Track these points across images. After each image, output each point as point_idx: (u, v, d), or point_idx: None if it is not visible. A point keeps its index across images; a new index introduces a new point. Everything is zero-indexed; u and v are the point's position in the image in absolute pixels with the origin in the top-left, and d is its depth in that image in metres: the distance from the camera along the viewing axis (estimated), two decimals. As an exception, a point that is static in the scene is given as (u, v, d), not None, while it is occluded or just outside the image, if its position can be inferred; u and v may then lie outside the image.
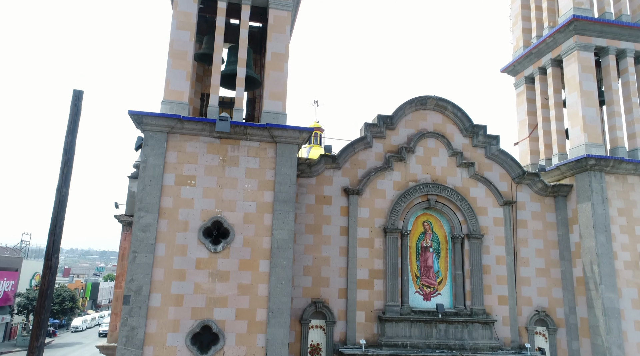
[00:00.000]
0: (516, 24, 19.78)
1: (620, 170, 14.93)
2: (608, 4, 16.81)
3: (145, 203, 11.73)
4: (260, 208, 12.44)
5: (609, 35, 16.16)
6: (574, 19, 15.67)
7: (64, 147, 8.85)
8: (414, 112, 15.51)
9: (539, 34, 18.30)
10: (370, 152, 14.92)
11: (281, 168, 12.77)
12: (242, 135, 12.68)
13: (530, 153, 18.15)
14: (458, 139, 15.59)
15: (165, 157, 12.16)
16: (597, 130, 15.38)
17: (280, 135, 12.79)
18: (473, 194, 15.12)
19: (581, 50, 15.90)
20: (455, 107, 15.55)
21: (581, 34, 15.98)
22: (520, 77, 18.98)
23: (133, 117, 12.02)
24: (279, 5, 14.03)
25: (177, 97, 12.77)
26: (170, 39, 13.20)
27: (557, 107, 16.95)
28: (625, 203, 14.80)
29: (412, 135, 15.26)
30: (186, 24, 13.35)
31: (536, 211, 15.53)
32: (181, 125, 12.30)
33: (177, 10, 13.36)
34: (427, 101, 15.46)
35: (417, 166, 14.98)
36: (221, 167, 12.48)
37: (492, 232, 14.96)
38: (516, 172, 15.53)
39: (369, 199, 14.43)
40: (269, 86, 13.50)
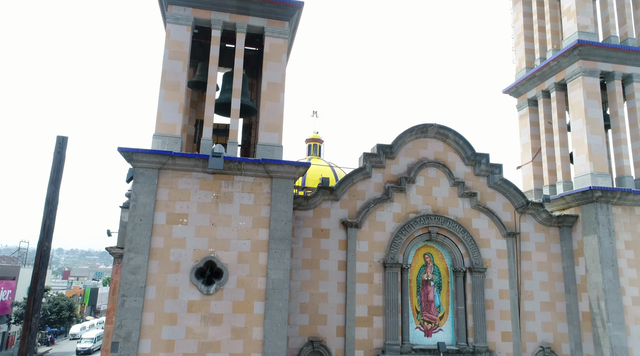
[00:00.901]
0: (519, 44, 19.36)
1: (627, 202, 14.47)
2: (613, 27, 16.38)
3: (135, 243, 11.28)
4: (255, 247, 11.99)
5: (614, 60, 15.73)
6: (578, 44, 15.24)
7: (47, 198, 8.41)
8: (415, 140, 15.07)
9: (543, 56, 17.88)
10: (370, 183, 14.47)
11: (277, 204, 12.33)
12: (237, 170, 12.24)
13: (534, 177, 17.70)
14: (460, 168, 15.15)
15: (156, 194, 11.72)
16: (603, 159, 14.93)
17: (276, 170, 12.36)
18: (475, 225, 14.67)
19: (586, 76, 15.46)
20: (456, 135, 15.11)
21: (586, 59, 15.55)
22: (523, 99, 18.54)
23: (123, 154, 11.58)
24: (274, 33, 13.62)
25: (169, 130, 12.34)
26: (162, 69, 12.79)
27: (561, 132, 16.51)
28: (632, 236, 14.34)
29: (413, 164, 14.82)
30: (179, 53, 12.93)
31: (540, 242, 15.07)
32: (173, 161, 11.87)
33: (169, 39, 12.95)
34: (428, 129, 15.02)
35: (418, 197, 14.53)
36: (214, 204, 12.04)
37: (495, 265, 14.50)
38: (520, 201, 15.08)
39: (368, 232, 13.98)
40: (264, 117, 13.08)
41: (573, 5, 16.07)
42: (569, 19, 16.27)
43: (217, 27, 13.31)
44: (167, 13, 13.09)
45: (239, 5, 13.35)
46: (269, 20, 13.64)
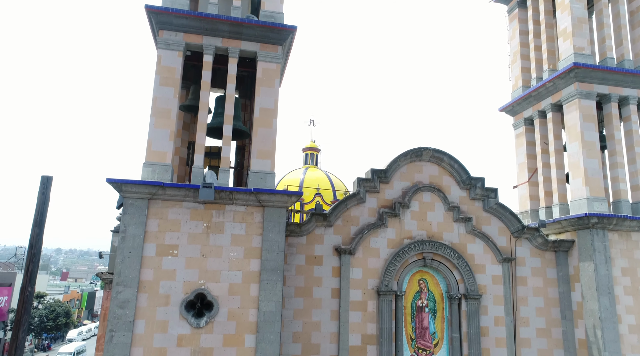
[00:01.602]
0: (515, 62, 19.24)
1: (623, 227, 14.33)
2: (610, 48, 16.26)
3: (124, 277, 11.09)
4: (246, 278, 11.81)
5: (610, 82, 15.60)
6: (574, 67, 15.11)
7: (30, 241, 8.24)
8: (409, 164, 14.91)
9: (539, 76, 17.75)
10: (364, 208, 14.31)
11: (269, 234, 12.16)
12: (228, 199, 12.07)
13: (530, 198, 17.56)
14: (455, 192, 14.99)
15: (146, 225, 11.54)
16: (599, 183, 14.79)
17: (268, 200, 12.19)
18: (471, 251, 14.51)
19: (582, 98, 15.33)
20: (451, 158, 14.96)
21: (582, 81, 15.43)
22: (520, 118, 18.41)
23: (112, 185, 11.41)
24: (267, 57, 13.46)
25: (160, 159, 12.16)
26: (153, 96, 12.61)
27: (557, 154, 16.37)
28: (629, 262, 14.20)
29: (407, 188, 14.66)
30: (170, 79, 12.76)
31: (536, 267, 14.92)
32: (163, 192, 11.69)
33: (160, 65, 12.78)
34: (423, 153, 14.87)
35: (412, 222, 14.37)
36: (205, 235, 11.86)
37: (491, 291, 14.34)
38: (515, 226, 14.92)
39: (362, 259, 13.81)
40: (256, 144, 12.92)
41: (569, 26, 15.95)
42: (565, 39, 16.15)
43: (209, 53, 13.15)
44: (158, 38, 12.94)
45: (231, 30, 13.19)
46: (261, 44, 13.49)
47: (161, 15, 12.75)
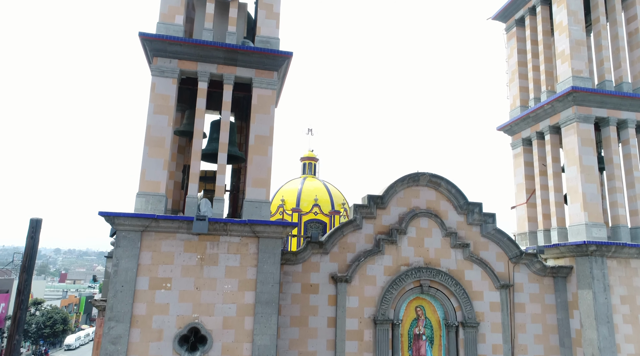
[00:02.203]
0: (513, 81, 19.14)
1: (622, 254, 14.21)
2: (608, 71, 16.15)
3: (117, 311, 10.93)
4: (240, 311, 11.65)
5: (609, 105, 15.50)
6: (573, 91, 15.00)
7: (18, 287, 8.09)
8: (406, 189, 14.79)
9: (537, 96, 17.64)
10: (360, 234, 14.17)
11: (263, 265, 12.00)
12: (222, 231, 11.92)
13: (528, 219, 17.42)
14: (452, 216, 14.86)
15: (139, 258, 11.38)
16: (598, 208, 14.67)
17: (263, 231, 12.04)
18: (468, 277, 14.37)
19: (581, 122, 15.22)
20: (448, 183, 14.83)
21: (580, 105, 15.32)
22: (518, 138, 18.29)
23: (105, 218, 11.26)
24: (262, 83, 13.33)
25: (154, 189, 12.01)
26: (146, 124, 12.47)
27: (555, 177, 16.25)
28: (628, 290, 14.07)
29: (404, 213, 14.52)
30: (164, 107, 12.62)
31: (534, 293, 14.78)
32: (156, 224, 11.54)
33: (154, 93, 12.63)
34: (420, 178, 14.74)
35: (410, 248, 14.23)
36: (199, 267, 11.71)
37: (489, 318, 14.20)
38: (513, 251, 14.79)
39: (359, 287, 13.66)
40: (251, 172, 12.77)
41: (567, 49, 15.85)
42: (563, 62, 16.04)
43: (204, 79, 13.01)
44: (152, 66, 12.79)
45: (226, 56, 13.06)
46: (257, 70, 13.35)
47: (155, 42, 12.61)
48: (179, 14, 13.25)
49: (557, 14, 16.57)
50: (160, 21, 13.05)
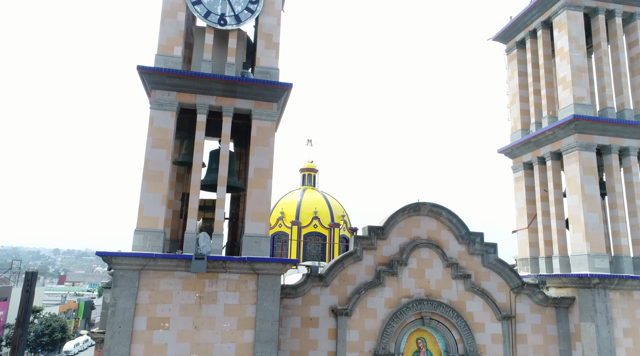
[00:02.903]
0: (514, 104, 19.03)
1: (625, 287, 14.08)
2: (610, 97, 16.04)
3: (114, 353, 10.78)
4: (239, 351, 11.50)
5: (611, 133, 15.39)
6: (574, 119, 14.90)
7: (12, 343, 7.94)
8: (407, 219, 14.65)
9: (538, 121, 17.53)
10: (360, 266, 14.03)
11: (263, 303, 11.86)
12: (221, 268, 11.79)
13: (530, 245, 17.29)
14: (453, 246, 14.73)
15: (136, 297, 11.23)
16: (600, 238, 14.54)
17: (262, 268, 11.91)
18: (470, 308, 14.23)
19: (582, 150, 15.10)
20: (450, 213, 14.71)
21: (582, 133, 15.20)
22: (519, 162, 18.17)
23: (103, 258, 11.12)
24: (262, 115, 13.21)
25: (152, 225, 11.87)
26: (144, 158, 12.34)
27: (557, 204, 16.13)
28: (631, 323, 13.94)
29: (405, 244, 14.39)
30: (163, 141, 12.49)
31: (536, 323, 14.64)
32: (154, 262, 11.40)
33: (153, 126, 12.50)
34: (421, 207, 14.62)
35: (410, 280, 14.09)
36: (198, 305, 11.56)
37: (490, 351, 14.05)
38: (515, 282, 14.66)
39: (359, 320, 13.52)
40: (251, 205, 12.64)
41: (569, 75, 15.74)
42: (564, 88, 15.94)
43: (203, 112, 12.89)
44: (151, 99, 12.66)
45: (226, 88, 12.94)
46: (256, 102, 13.23)
47: (154, 75, 12.49)
48: (178, 45, 13.14)
49: (558, 39, 16.47)
50: (158, 53, 12.93)
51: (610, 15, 16.81)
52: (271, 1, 14.05)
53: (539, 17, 17.55)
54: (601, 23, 16.54)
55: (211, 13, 13.40)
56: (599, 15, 16.55)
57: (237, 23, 13.50)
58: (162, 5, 13.31)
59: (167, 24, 13.18)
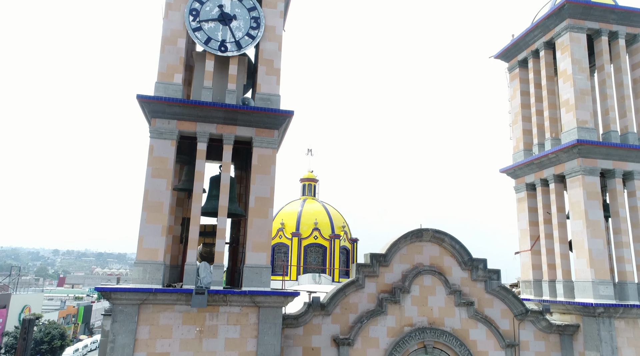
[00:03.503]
0: (516, 123, 18.90)
1: (630, 315, 13.94)
2: (613, 121, 15.92)
3: (113, 391, 10.62)
4: (240, 386, 11.34)
5: (615, 157, 15.26)
6: (578, 144, 14.77)
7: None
8: (409, 245, 14.51)
9: (541, 142, 17.40)
10: (363, 294, 13.87)
11: (264, 336, 11.70)
12: (222, 301, 11.63)
13: (533, 267, 17.14)
14: (456, 273, 14.58)
15: (136, 333, 11.07)
16: (605, 265, 14.40)
17: (263, 301, 11.75)
18: (473, 336, 14.07)
19: (586, 175, 14.97)
20: (452, 239, 14.57)
21: (586, 157, 15.08)
22: (521, 182, 18.04)
23: (102, 294, 10.95)
24: (263, 143, 13.08)
25: (152, 257, 11.73)
26: (144, 189, 12.19)
27: (560, 227, 15.99)
28: (636, 352, 13.78)
29: (407, 271, 14.24)
30: (162, 170, 12.34)
31: (540, 351, 14.48)
32: (154, 297, 11.24)
33: (152, 156, 12.36)
34: (423, 234, 14.47)
35: (413, 308, 13.94)
36: (198, 340, 11.40)
37: (494, 379, 13.89)
38: (519, 309, 14.51)
39: (361, 350, 13.35)
40: (252, 235, 12.49)
41: (572, 98, 15.62)
42: (567, 111, 15.82)
43: (203, 140, 12.75)
44: (151, 128, 12.53)
45: (226, 116, 12.81)
46: (257, 129, 13.11)
47: (154, 104, 12.36)
48: (178, 72, 13.01)
49: (561, 61, 16.36)
50: (158, 81, 12.80)
51: (614, 37, 16.71)
52: (272, 26, 13.94)
53: (542, 38, 17.44)
54: (604, 45, 16.44)
55: (212, 39, 13.28)
56: (602, 37, 16.45)
57: (238, 49, 13.38)
58: (162, 33, 13.20)
59: (167, 51, 13.05)
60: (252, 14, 13.75)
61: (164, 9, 13.42)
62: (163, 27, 13.28)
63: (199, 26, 13.30)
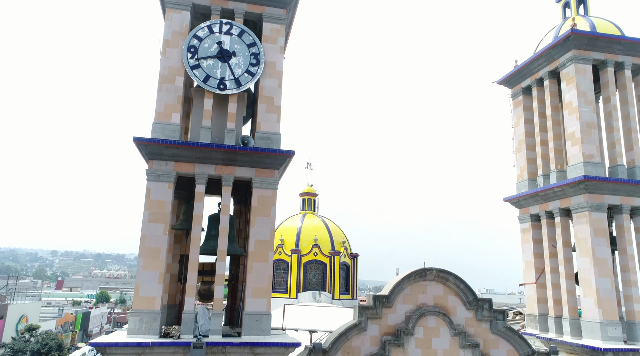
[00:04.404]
0: (520, 152, 18.61)
1: (639, 359, 13.62)
2: (620, 154, 15.63)
3: None
4: None
5: (622, 192, 14.97)
6: (585, 180, 14.47)
7: None
8: (413, 284, 14.15)
9: (546, 173, 17.09)
10: (365, 336, 13.51)
11: (264, 389, 11.34)
12: (221, 353, 11.27)
13: (538, 301, 16.82)
14: (461, 313, 14.23)
15: (131, 388, 10.70)
16: (613, 304, 14.08)
17: (264, 352, 11.40)
18: (478, 380, 13.71)
19: (593, 211, 14.67)
20: (457, 278, 14.23)
21: (592, 193, 14.78)
22: (526, 213, 17.73)
23: (96, 348, 10.60)
24: (263, 183, 12.75)
25: (148, 305, 11.40)
26: (141, 234, 11.84)
27: (566, 263, 15.67)
28: (646, 397, 13.45)
29: (411, 311, 13.88)
30: (160, 215, 12.01)
31: (547, 393, 14.13)
32: (151, 350, 10.88)
33: (149, 199, 12.03)
34: (427, 273, 14.13)
35: (417, 350, 13.57)
36: (196, 394, 11.03)
37: None
38: (525, 350, 14.15)
39: (364, 395, 12.99)
40: (251, 280, 12.17)
41: (578, 131, 15.33)
42: (573, 144, 15.52)
43: (202, 182, 12.42)
44: (147, 170, 12.19)
45: (225, 157, 12.49)
46: (257, 170, 12.77)
47: (151, 146, 12.03)
48: (176, 111, 12.69)
49: (567, 93, 16.07)
50: (155, 121, 12.47)
51: (619, 68, 16.43)
52: (272, 62, 13.63)
53: (546, 67, 17.16)
54: (610, 76, 16.16)
55: (210, 77, 12.96)
56: (608, 68, 16.18)
57: (237, 87, 13.06)
58: (160, 71, 12.88)
59: (164, 90, 12.73)
60: (251, 50, 13.44)
61: (162, 46, 13.11)
62: (160, 64, 12.96)
63: (197, 63, 12.98)
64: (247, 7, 13.75)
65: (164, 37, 13.12)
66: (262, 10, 13.83)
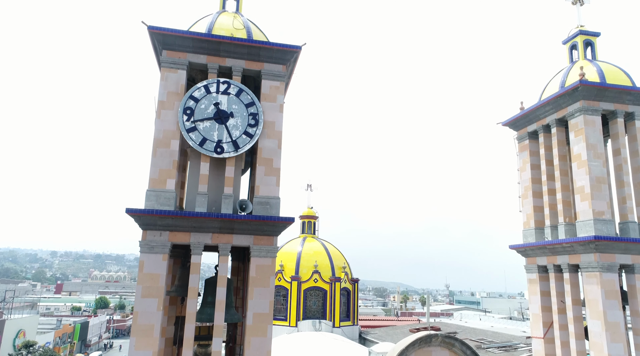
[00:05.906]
0: (526, 198, 18.09)
1: None
2: (631, 210, 15.12)
3: None
4: None
5: (634, 251, 14.45)
6: (595, 240, 13.96)
7: None
8: (418, 350, 13.66)
9: (554, 225, 16.57)
10: (368, 408, 12.98)
11: None
12: None
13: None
14: (467, 379, 13.71)
15: None
16: (625, 372, 13.54)
17: None
18: None
19: (604, 272, 14.14)
20: (463, 344, 13.72)
21: (603, 252, 14.26)
22: (533, 263, 17.20)
23: None
24: (262, 252, 12.23)
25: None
26: (134, 310, 11.32)
27: (576, 321, 15.13)
28: None
29: (416, 380, 13.37)
30: (153, 289, 11.51)
31: None
32: None
33: (143, 273, 11.57)
34: (432, 339, 13.62)
35: None
36: None
37: None
38: (534, 419, 13.62)
39: None
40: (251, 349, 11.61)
41: (587, 187, 14.82)
42: (582, 199, 15.00)
43: (198, 252, 11.91)
44: (141, 242, 11.67)
45: (222, 226, 11.98)
46: (255, 237, 12.27)
47: (145, 217, 11.53)
48: (171, 177, 12.17)
49: (575, 144, 15.57)
50: (150, 188, 11.96)
51: (630, 118, 15.95)
52: (271, 122, 13.13)
53: (553, 114, 16.68)
54: (620, 127, 15.68)
55: (207, 140, 12.45)
56: (618, 119, 15.69)
57: (235, 150, 12.55)
58: (154, 134, 12.37)
59: (159, 155, 12.22)
60: (250, 110, 12.94)
61: (156, 108, 12.61)
62: (155, 128, 12.45)
63: (193, 126, 12.48)
64: (245, 64, 13.28)
65: (159, 98, 12.62)
66: (260, 67, 13.35)
